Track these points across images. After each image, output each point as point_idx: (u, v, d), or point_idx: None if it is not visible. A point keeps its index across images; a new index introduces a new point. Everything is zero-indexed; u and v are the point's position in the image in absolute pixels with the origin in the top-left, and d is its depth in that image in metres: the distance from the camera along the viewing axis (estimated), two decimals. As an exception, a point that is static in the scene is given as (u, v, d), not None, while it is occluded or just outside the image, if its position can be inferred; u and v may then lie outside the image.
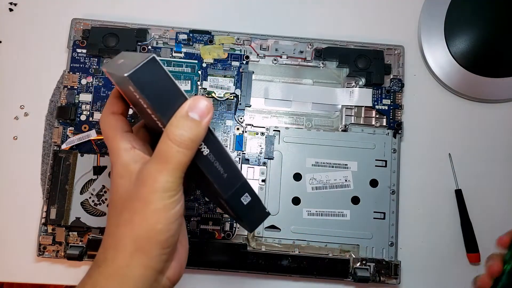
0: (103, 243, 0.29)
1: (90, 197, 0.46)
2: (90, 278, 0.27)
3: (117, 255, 0.27)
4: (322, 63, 0.49)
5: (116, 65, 0.30)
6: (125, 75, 0.25)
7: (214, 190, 0.30)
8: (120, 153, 0.29)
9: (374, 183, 0.47)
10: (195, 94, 0.48)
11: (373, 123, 0.48)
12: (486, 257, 0.47)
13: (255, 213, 0.30)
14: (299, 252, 0.46)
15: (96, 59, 0.49)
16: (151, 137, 0.33)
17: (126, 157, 0.28)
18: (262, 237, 0.46)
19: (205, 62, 0.49)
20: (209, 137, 0.28)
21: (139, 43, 0.49)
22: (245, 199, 0.29)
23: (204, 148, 0.28)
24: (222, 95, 0.48)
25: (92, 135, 0.47)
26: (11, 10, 0.52)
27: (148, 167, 0.27)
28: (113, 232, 0.28)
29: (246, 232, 0.46)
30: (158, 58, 0.26)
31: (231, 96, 0.48)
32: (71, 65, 0.49)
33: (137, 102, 0.28)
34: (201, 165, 0.28)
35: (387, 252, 0.46)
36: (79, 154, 0.47)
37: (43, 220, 0.46)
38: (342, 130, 0.48)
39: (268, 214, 0.31)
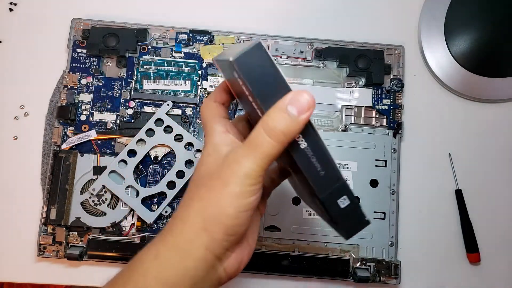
0: (174, 214, 0.29)
1: (90, 197, 0.46)
2: (154, 246, 0.28)
3: (184, 229, 0.27)
4: (322, 63, 0.49)
5: (224, 54, 0.29)
6: (231, 59, 0.25)
7: (309, 189, 0.28)
8: (214, 134, 0.29)
9: (374, 183, 0.47)
10: (195, 94, 0.48)
11: (373, 123, 0.48)
12: (485, 258, 0.47)
13: (352, 219, 0.28)
14: (299, 252, 0.46)
15: (96, 59, 0.49)
16: (250, 131, 0.31)
17: (218, 138, 0.28)
18: (262, 237, 0.46)
19: (205, 62, 0.49)
20: (309, 131, 0.26)
21: (139, 43, 0.49)
22: (343, 202, 0.27)
23: (302, 141, 0.26)
24: (222, 95, 0.48)
25: (92, 135, 0.47)
26: (11, 10, 0.52)
27: (236, 150, 0.27)
28: (186, 204, 0.28)
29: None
30: (264, 45, 0.25)
31: (231, 96, 0.48)
32: (71, 65, 0.49)
33: (241, 92, 0.27)
34: (296, 159, 0.26)
35: (387, 252, 0.46)
36: (79, 154, 0.47)
37: (43, 220, 0.46)
38: (342, 130, 0.48)
39: (368, 223, 0.28)
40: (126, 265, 0.28)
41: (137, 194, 0.46)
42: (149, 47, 0.49)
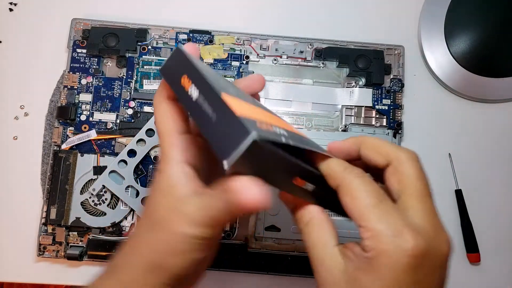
0: (123, 249, 0.27)
1: (90, 197, 0.46)
2: (101, 282, 0.27)
3: (131, 268, 0.26)
4: (322, 63, 0.49)
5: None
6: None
7: None
8: (170, 163, 0.25)
9: (374, 183, 0.47)
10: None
11: (373, 123, 0.48)
12: (485, 258, 0.47)
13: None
14: (299, 252, 0.46)
15: (96, 59, 0.49)
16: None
17: (174, 174, 0.25)
18: (262, 237, 0.46)
19: (205, 62, 0.49)
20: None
21: (139, 43, 0.49)
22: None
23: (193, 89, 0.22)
24: (222, 95, 0.48)
25: (92, 135, 0.47)
26: (11, 10, 0.52)
27: (191, 201, 0.24)
28: (134, 245, 0.26)
29: (246, 232, 0.46)
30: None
31: (231, 96, 0.48)
32: (71, 65, 0.49)
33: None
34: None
35: (387, 252, 0.46)
36: (79, 154, 0.47)
37: (43, 220, 0.46)
38: (342, 130, 0.48)
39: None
40: None
41: (137, 194, 0.46)
42: (149, 47, 0.49)
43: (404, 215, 0.23)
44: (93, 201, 0.46)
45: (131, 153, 0.46)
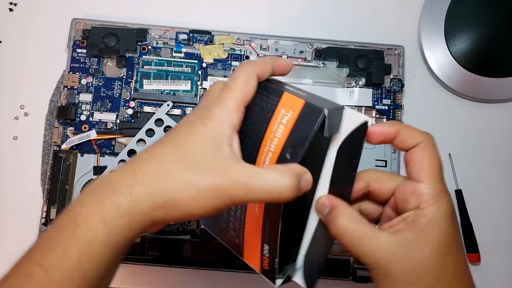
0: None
1: (90, 197, 0.46)
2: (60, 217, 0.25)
3: (137, 196, 0.24)
4: (322, 63, 0.49)
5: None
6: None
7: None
8: (226, 120, 0.25)
9: (374, 183, 0.47)
10: (195, 95, 0.48)
11: (373, 123, 0.48)
12: (485, 258, 0.47)
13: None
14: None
15: (96, 59, 0.49)
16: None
17: (227, 132, 0.25)
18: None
19: (205, 62, 0.49)
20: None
21: (139, 43, 0.49)
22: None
23: None
24: (222, 95, 0.48)
25: (92, 135, 0.47)
26: (11, 10, 0.52)
27: (243, 167, 0.24)
28: (152, 168, 0.24)
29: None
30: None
31: (231, 96, 0.48)
32: (71, 65, 0.49)
33: None
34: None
35: (387, 252, 0.46)
36: (79, 154, 0.47)
37: (43, 220, 0.46)
38: (342, 130, 0.48)
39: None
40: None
41: (137, 194, 0.46)
42: (149, 47, 0.49)
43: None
44: (93, 201, 0.46)
45: (131, 153, 0.46)
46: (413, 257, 0.25)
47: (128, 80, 0.49)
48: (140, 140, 0.46)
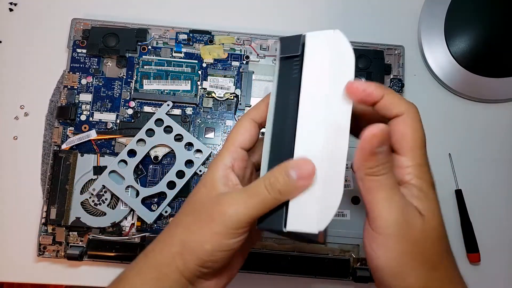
0: (158, 236, 0.29)
1: (90, 197, 0.46)
2: (137, 265, 0.29)
3: (164, 251, 0.28)
4: (322, 63, 0.49)
5: None
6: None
7: None
8: (218, 166, 0.29)
9: (374, 183, 0.47)
10: (195, 94, 0.48)
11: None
12: (485, 258, 0.47)
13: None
14: (299, 252, 0.46)
15: (96, 59, 0.49)
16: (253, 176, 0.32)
17: (219, 174, 0.28)
18: (262, 237, 0.46)
19: (205, 62, 0.49)
20: None
21: (139, 43, 0.49)
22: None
23: None
24: (222, 95, 0.48)
25: (92, 135, 0.47)
26: (11, 10, 0.52)
27: (232, 193, 0.27)
28: (171, 229, 0.29)
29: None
30: None
31: (231, 96, 0.48)
32: (71, 65, 0.49)
33: None
34: None
35: (387, 252, 0.46)
36: (79, 154, 0.47)
37: (43, 220, 0.46)
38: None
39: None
40: (112, 282, 0.29)
41: (137, 194, 0.46)
42: (149, 47, 0.49)
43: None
44: (93, 201, 0.46)
45: (131, 153, 0.46)
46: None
47: (128, 80, 0.49)
48: (140, 140, 0.46)
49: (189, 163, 0.47)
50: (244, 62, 0.49)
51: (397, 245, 0.25)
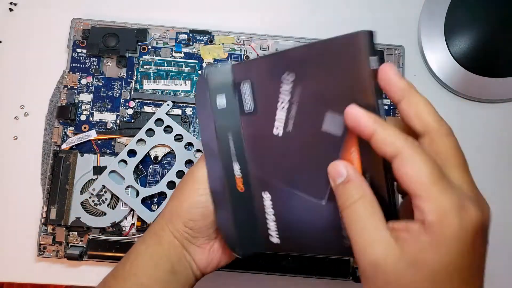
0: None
1: (90, 197, 0.46)
2: (142, 237, 0.35)
3: (159, 220, 0.34)
4: (322, 63, 0.49)
5: None
6: None
7: None
8: (199, 167, 0.33)
9: (374, 183, 0.47)
10: (195, 94, 0.48)
11: (373, 123, 0.48)
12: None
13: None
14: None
15: (96, 59, 0.49)
16: None
17: (200, 172, 0.33)
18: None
19: (205, 62, 0.49)
20: None
21: (139, 43, 0.49)
22: None
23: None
24: (222, 95, 0.48)
25: (92, 135, 0.47)
26: (11, 10, 0.52)
27: (199, 161, 0.34)
28: (166, 204, 0.35)
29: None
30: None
31: (231, 96, 0.48)
32: (71, 65, 0.49)
33: None
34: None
35: (387, 252, 0.46)
36: (79, 154, 0.47)
37: (43, 220, 0.46)
38: (342, 130, 0.48)
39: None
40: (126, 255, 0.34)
41: (137, 194, 0.46)
42: (149, 47, 0.49)
43: (460, 189, 0.24)
44: (93, 201, 0.46)
45: (131, 153, 0.46)
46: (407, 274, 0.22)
47: (128, 80, 0.49)
48: (140, 140, 0.46)
49: (189, 163, 0.47)
50: (244, 62, 0.49)
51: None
